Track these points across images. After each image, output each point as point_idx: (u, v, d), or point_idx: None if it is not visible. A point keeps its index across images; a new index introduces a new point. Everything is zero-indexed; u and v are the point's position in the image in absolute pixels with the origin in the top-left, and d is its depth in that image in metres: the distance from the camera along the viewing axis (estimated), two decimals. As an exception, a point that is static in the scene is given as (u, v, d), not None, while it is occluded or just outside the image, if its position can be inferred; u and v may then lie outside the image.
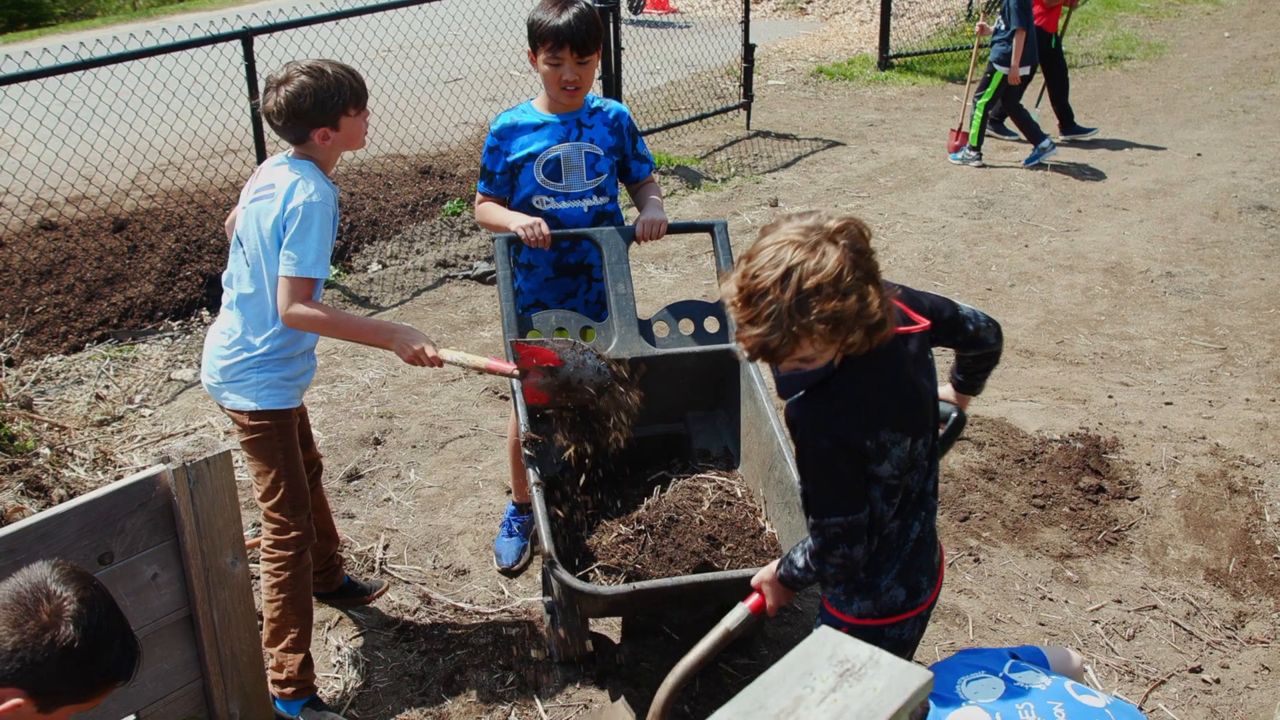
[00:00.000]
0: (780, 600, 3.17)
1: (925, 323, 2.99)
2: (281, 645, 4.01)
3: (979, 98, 10.77)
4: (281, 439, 3.97)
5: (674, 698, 3.17)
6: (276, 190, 3.81)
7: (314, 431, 5.75)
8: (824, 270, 2.62)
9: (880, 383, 2.86)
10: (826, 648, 1.92)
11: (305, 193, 3.76)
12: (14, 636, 2.36)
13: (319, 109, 3.79)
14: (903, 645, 3.19)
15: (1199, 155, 11.23)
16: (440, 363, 3.92)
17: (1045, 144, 10.75)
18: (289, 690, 4.04)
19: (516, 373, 3.98)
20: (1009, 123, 11.35)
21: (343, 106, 3.83)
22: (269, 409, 3.94)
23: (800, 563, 3.04)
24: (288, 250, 3.75)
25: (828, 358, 2.77)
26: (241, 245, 3.91)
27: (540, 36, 4.33)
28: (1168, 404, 6.31)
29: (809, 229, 2.68)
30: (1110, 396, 6.38)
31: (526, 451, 4.02)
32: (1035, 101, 11.42)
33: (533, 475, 3.93)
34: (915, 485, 3.00)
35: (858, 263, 2.66)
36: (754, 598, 3.17)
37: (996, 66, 10.62)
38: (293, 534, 3.98)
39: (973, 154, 10.89)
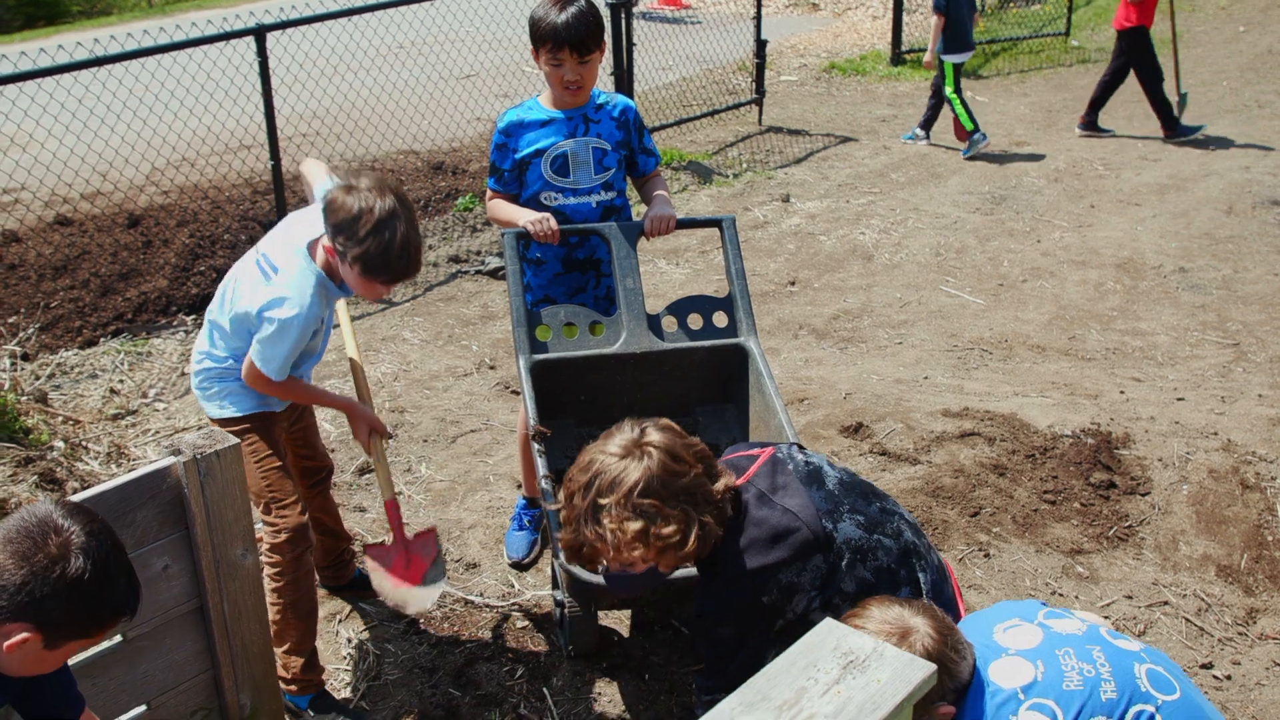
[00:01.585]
0: None
1: (766, 452, 3.14)
2: (283, 648, 4.01)
3: (944, 89, 10.99)
4: (256, 442, 3.94)
5: None
6: (274, 282, 3.73)
7: (325, 425, 5.78)
8: (620, 485, 2.79)
9: (749, 542, 2.96)
10: (830, 640, 1.93)
11: (291, 309, 3.67)
12: (23, 569, 2.34)
13: (338, 235, 3.62)
14: None
15: (1212, 150, 11.19)
16: (369, 451, 4.11)
17: (919, 132, 11.38)
18: (293, 688, 4.06)
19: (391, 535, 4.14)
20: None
21: (355, 260, 3.60)
22: (238, 415, 3.95)
23: None
24: (259, 346, 3.73)
25: (646, 566, 2.89)
26: (234, 280, 3.90)
27: (540, 37, 4.33)
28: (1180, 400, 6.30)
29: (630, 443, 2.87)
30: (1122, 392, 6.37)
31: (536, 445, 4.03)
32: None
33: (542, 468, 3.94)
34: (884, 559, 3.07)
35: (663, 483, 2.80)
36: None
37: (942, 57, 10.86)
38: (284, 535, 3.92)
39: (978, 137, 10.95)
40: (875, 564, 3.07)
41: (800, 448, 3.27)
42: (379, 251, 3.56)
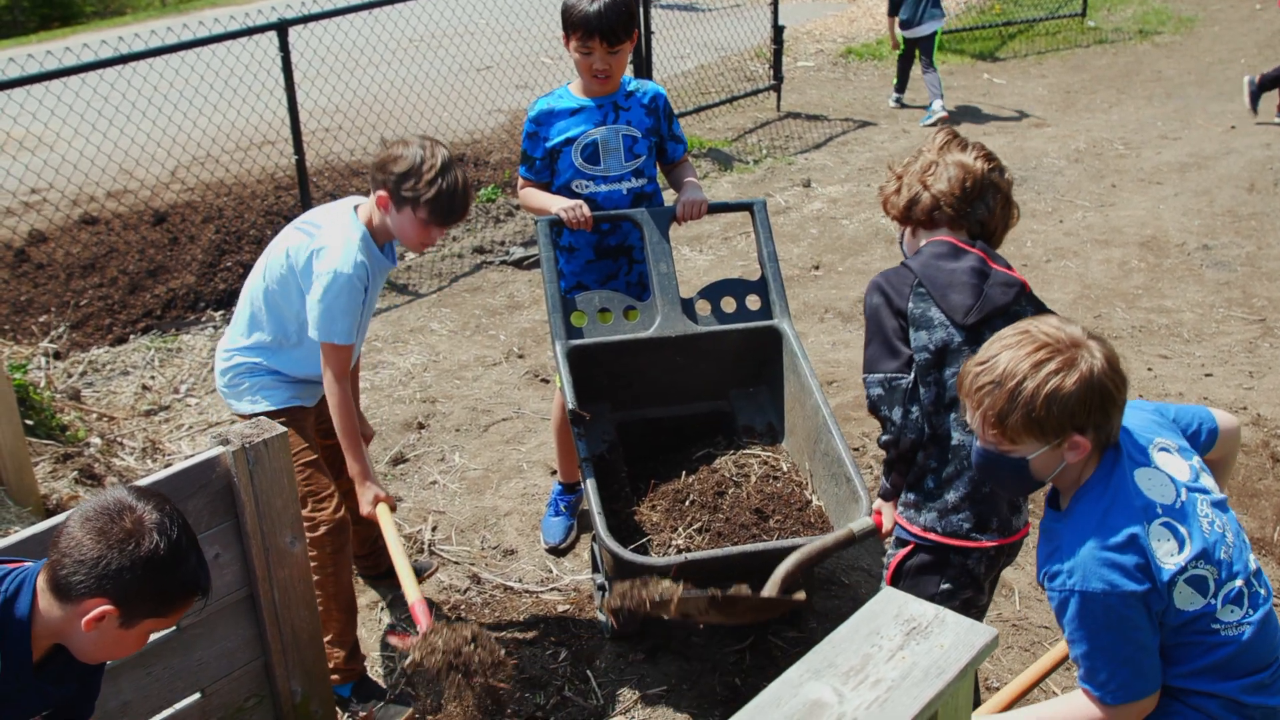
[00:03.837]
0: (892, 517, 3.42)
1: (1024, 280, 3.34)
2: (325, 639, 4.04)
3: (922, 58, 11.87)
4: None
5: (793, 576, 3.49)
6: (316, 236, 3.82)
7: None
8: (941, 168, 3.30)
9: (941, 267, 3.20)
10: (892, 607, 1.96)
11: (333, 263, 3.75)
12: (100, 544, 2.42)
13: (404, 182, 3.75)
14: (970, 578, 3.27)
15: (1233, 128, 11.16)
16: (374, 520, 3.99)
17: (935, 106, 11.60)
18: (335, 677, 4.09)
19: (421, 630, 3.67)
20: None
21: (413, 201, 3.77)
22: (270, 409, 3.98)
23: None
24: (319, 314, 3.79)
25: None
26: (269, 259, 3.95)
27: (571, 25, 4.36)
28: (1208, 375, 6.31)
29: (958, 148, 3.33)
30: (1150, 369, 6.37)
31: (575, 429, 4.06)
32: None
33: (582, 451, 3.98)
34: None
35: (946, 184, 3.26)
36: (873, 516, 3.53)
37: (900, 29, 11.80)
38: (323, 529, 3.97)
39: (896, 96, 12.27)
40: None
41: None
42: (448, 194, 3.77)
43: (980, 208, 3.28)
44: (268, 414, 3.95)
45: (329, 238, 3.81)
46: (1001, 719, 2.79)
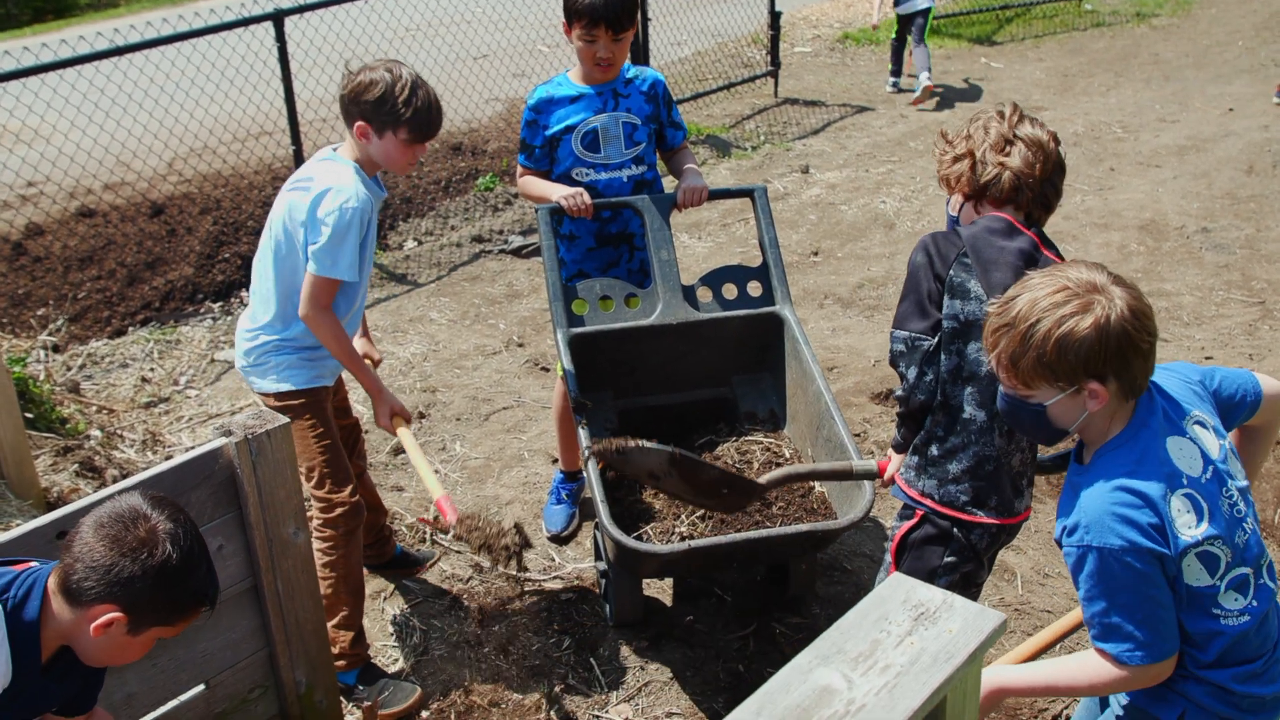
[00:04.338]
0: (895, 467, 3.42)
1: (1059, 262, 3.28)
2: (333, 622, 4.05)
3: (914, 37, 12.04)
4: (311, 417, 3.98)
5: (778, 485, 3.61)
6: (312, 187, 3.83)
7: (358, 407, 5.82)
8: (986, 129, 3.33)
9: (992, 242, 3.16)
10: (900, 593, 1.95)
11: (339, 199, 3.76)
12: (113, 552, 2.43)
13: (381, 107, 3.78)
14: (973, 552, 3.27)
15: (1231, 110, 11.15)
16: (392, 433, 4.12)
17: (923, 77, 11.70)
18: (341, 663, 4.09)
19: (451, 522, 3.92)
20: None
21: (393, 123, 3.80)
22: (293, 389, 3.98)
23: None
24: (315, 251, 3.79)
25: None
26: (271, 230, 3.95)
27: (576, 12, 4.32)
28: (1208, 358, 6.30)
29: (1017, 124, 3.32)
30: (1150, 352, 6.37)
31: (577, 417, 4.05)
32: None
33: (584, 439, 3.97)
34: None
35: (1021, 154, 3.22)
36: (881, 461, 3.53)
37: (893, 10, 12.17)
38: (339, 510, 3.99)
39: (893, 81, 12.30)
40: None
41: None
42: (424, 110, 3.81)
43: (1048, 188, 3.25)
44: (290, 394, 3.98)
45: (325, 181, 3.81)
46: (1019, 670, 2.76)
